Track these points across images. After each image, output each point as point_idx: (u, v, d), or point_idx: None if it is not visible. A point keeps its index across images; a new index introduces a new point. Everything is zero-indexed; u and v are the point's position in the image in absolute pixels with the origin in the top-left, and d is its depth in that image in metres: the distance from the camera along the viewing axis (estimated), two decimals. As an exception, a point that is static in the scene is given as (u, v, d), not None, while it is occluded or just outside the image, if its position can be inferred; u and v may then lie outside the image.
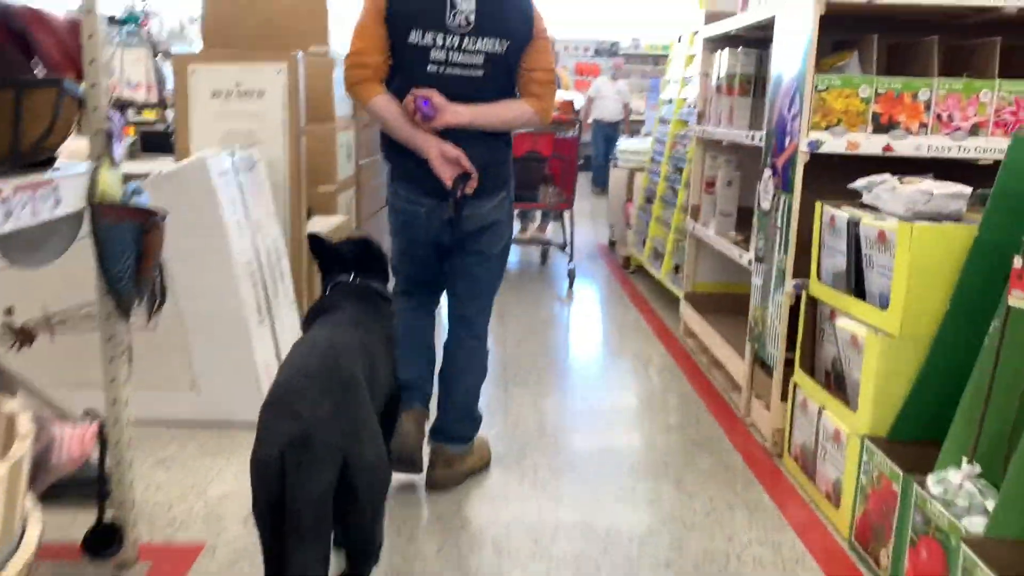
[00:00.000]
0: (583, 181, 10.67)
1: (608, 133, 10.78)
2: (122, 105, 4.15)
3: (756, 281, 3.07)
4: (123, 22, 4.34)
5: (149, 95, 4.35)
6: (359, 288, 2.15)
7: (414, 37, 2.22)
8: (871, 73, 2.63)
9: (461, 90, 2.26)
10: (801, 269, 2.69)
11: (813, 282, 2.60)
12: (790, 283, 2.73)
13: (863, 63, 2.70)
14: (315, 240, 2.23)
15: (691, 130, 4.91)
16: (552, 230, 6.53)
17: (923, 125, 2.57)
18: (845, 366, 2.42)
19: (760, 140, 3.08)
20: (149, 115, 4.63)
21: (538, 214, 6.40)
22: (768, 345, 2.91)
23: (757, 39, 3.56)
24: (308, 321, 2.06)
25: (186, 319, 2.89)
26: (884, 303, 2.20)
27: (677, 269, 4.64)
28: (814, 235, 2.60)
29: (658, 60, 14.80)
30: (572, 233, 5.64)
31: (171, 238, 1.92)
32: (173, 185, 2.81)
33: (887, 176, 2.38)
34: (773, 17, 2.95)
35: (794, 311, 2.71)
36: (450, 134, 2.25)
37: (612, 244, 6.77)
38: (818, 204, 2.58)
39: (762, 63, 3.49)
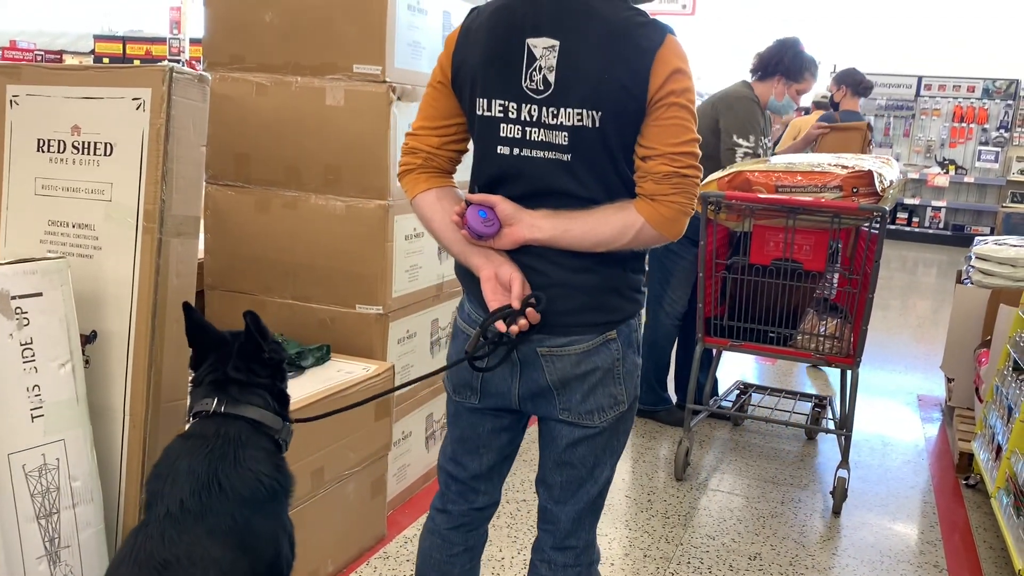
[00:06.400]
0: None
1: None
2: None
3: None
4: None
5: None
6: (217, 431, 1.45)
7: (480, 106, 1.49)
8: None
9: (545, 181, 1.47)
10: None
11: None
12: None
13: None
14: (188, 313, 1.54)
15: None
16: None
17: None
18: None
19: None
20: None
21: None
22: None
23: None
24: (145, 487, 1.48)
25: None
26: None
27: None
28: None
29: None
30: (852, 408, 3.08)
31: None
32: None
33: None
34: None
35: None
36: (527, 246, 1.51)
37: (950, 412, 3.94)
38: None
39: None
